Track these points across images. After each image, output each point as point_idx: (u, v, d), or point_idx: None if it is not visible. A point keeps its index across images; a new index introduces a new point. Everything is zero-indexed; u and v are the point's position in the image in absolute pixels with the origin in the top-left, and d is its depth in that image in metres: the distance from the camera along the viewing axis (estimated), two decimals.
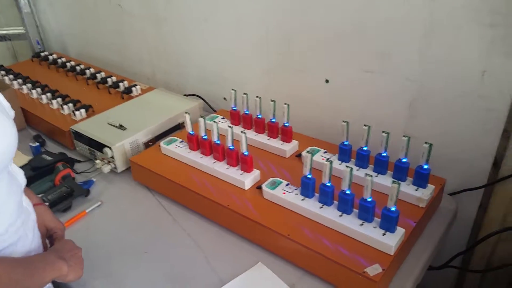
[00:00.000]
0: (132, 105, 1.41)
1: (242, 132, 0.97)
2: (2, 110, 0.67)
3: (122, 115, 1.33)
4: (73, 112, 1.37)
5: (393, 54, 1.04)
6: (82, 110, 1.37)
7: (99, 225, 1.04)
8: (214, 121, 1.05)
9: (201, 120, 1.04)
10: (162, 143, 1.15)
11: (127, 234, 1.00)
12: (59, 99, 1.43)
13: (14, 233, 0.68)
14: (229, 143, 1.00)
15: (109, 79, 1.57)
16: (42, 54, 1.84)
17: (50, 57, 1.81)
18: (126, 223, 1.04)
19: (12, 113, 0.73)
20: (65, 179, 1.15)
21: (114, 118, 1.29)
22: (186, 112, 1.07)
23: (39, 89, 1.51)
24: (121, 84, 1.53)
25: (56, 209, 1.06)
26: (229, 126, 1.00)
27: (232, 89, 1.16)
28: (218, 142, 1.03)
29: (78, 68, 1.69)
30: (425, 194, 0.90)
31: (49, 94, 1.47)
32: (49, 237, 0.84)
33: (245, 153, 0.99)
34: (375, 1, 1.02)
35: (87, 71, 1.65)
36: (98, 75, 1.62)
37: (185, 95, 1.49)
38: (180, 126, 1.33)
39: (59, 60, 1.77)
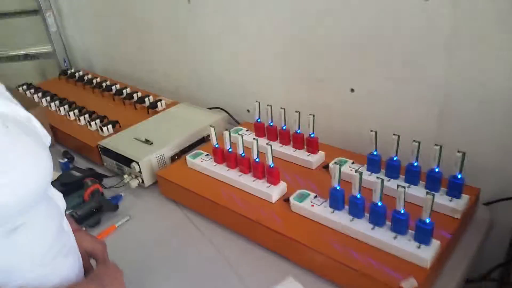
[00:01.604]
0: (157, 120, 1.42)
1: (267, 144, 0.96)
2: (38, 139, 0.64)
3: (148, 130, 1.34)
4: (100, 128, 1.39)
5: (418, 61, 1.02)
6: (109, 126, 1.39)
7: (128, 239, 1.04)
8: (238, 134, 1.05)
9: (226, 133, 1.03)
10: (188, 157, 1.15)
11: (156, 249, 1.00)
12: (87, 116, 1.46)
13: (53, 258, 0.66)
14: (254, 156, 0.99)
15: (134, 95, 1.59)
16: (69, 71, 1.89)
17: (77, 74, 1.85)
18: (155, 237, 1.04)
19: (48, 141, 0.70)
20: (94, 195, 1.16)
21: (141, 133, 1.31)
22: (211, 126, 1.07)
23: (66, 106, 1.55)
24: (146, 99, 1.55)
25: (86, 224, 1.07)
26: (254, 139, 0.99)
27: (256, 101, 1.16)
28: (243, 154, 1.02)
29: (104, 84, 1.72)
30: (459, 204, 0.87)
31: (76, 111, 1.50)
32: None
33: (271, 165, 0.98)
34: (394, 9, 1.00)
35: (113, 87, 1.68)
36: (124, 91, 1.64)
37: (209, 108, 1.49)
38: (205, 140, 1.33)
39: (86, 77, 1.81)
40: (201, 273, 0.92)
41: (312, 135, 1.08)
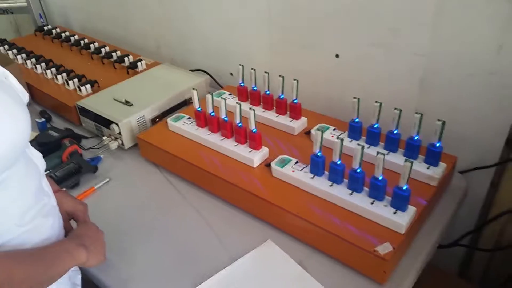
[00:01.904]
0: (137, 80, 1.39)
1: (250, 109, 0.95)
2: (15, 96, 0.62)
3: (128, 90, 1.31)
4: (78, 87, 1.35)
5: (403, 29, 1.01)
6: (88, 86, 1.35)
7: (107, 201, 1.04)
8: (221, 98, 1.03)
9: (208, 96, 1.02)
10: (169, 120, 1.14)
11: (136, 211, 1.00)
12: (64, 74, 1.41)
13: (32, 218, 0.65)
14: (237, 120, 0.98)
15: (113, 54, 1.55)
16: (45, 28, 1.81)
17: (54, 31, 1.78)
18: (135, 200, 1.04)
19: (26, 98, 0.68)
20: (73, 156, 1.14)
21: (120, 94, 1.28)
22: (193, 88, 1.05)
23: (43, 64, 1.49)
24: (126, 59, 1.51)
25: (64, 185, 1.06)
26: (237, 103, 0.98)
27: (240, 65, 1.13)
28: (226, 119, 1.01)
29: (82, 42, 1.66)
30: (436, 172, 0.89)
31: (53, 69, 1.45)
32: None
33: (254, 130, 0.97)
34: None
35: (91, 45, 1.62)
36: (102, 49, 1.59)
37: (191, 70, 1.46)
38: (187, 102, 1.31)
39: (63, 34, 1.74)
40: (181, 236, 0.93)
41: (295, 101, 1.07)
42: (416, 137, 0.90)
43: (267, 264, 0.84)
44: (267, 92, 1.11)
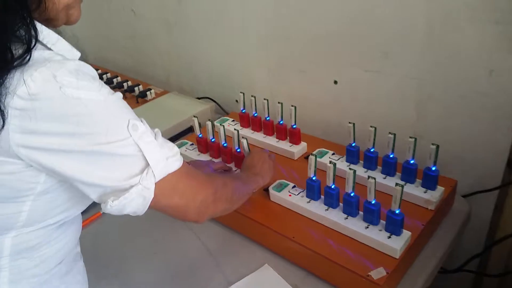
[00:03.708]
0: (146, 109, 1.44)
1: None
2: None
3: None
4: None
5: (395, 53, 1.03)
6: None
7: (112, 226, 1.06)
8: (220, 124, 1.06)
9: (208, 123, 1.05)
10: None
11: (138, 235, 1.02)
12: None
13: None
14: (236, 146, 1.01)
15: (125, 84, 1.61)
16: None
17: None
18: (138, 224, 1.06)
19: None
20: None
21: None
22: (194, 116, 1.08)
23: None
24: (136, 88, 1.56)
25: None
26: (235, 129, 1.01)
27: (241, 92, 1.17)
28: (225, 144, 1.04)
29: None
30: (433, 196, 0.88)
31: None
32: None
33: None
34: (371, 2, 1.01)
35: (104, 76, 1.69)
36: (114, 80, 1.65)
37: (198, 98, 1.51)
38: (192, 129, 1.35)
39: None
40: (180, 260, 0.94)
41: (294, 126, 1.09)
42: (412, 161, 0.90)
43: None
44: (267, 118, 1.14)
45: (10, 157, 0.51)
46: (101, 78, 1.67)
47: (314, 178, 0.88)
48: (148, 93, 1.52)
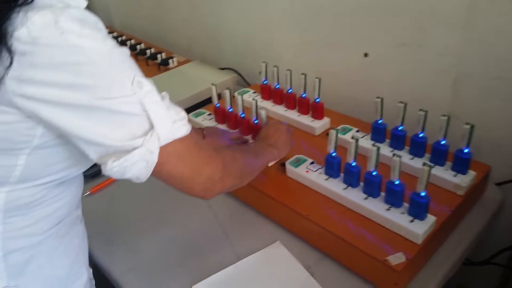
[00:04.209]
0: (167, 77, 1.41)
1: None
2: None
3: (156, 86, 1.31)
4: None
5: (432, 28, 0.94)
6: None
7: (124, 192, 1.05)
8: (238, 94, 1.01)
9: (226, 92, 1.00)
10: (190, 115, 1.13)
11: (149, 204, 1.00)
12: None
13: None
14: (253, 117, 0.96)
15: (147, 51, 1.57)
16: None
17: None
18: (150, 192, 1.04)
19: None
20: None
21: None
22: (212, 84, 1.04)
23: None
24: (158, 56, 1.53)
25: (85, 173, 1.07)
26: (253, 99, 0.95)
27: (263, 62, 1.11)
28: (243, 115, 0.99)
29: (119, 39, 1.70)
30: (464, 180, 0.81)
31: None
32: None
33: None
34: None
35: (127, 42, 1.66)
36: (137, 46, 1.62)
37: (221, 68, 1.46)
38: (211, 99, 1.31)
39: None
40: (190, 230, 0.91)
41: (317, 100, 1.03)
42: (442, 142, 0.83)
43: (273, 266, 0.81)
44: (290, 91, 1.08)
45: (7, 106, 0.48)
46: (124, 44, 1.65)
47: (334, 154, 0.83)
48: (170, 61, 1.49)
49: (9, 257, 0.57)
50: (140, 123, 0.52)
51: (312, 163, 0.89)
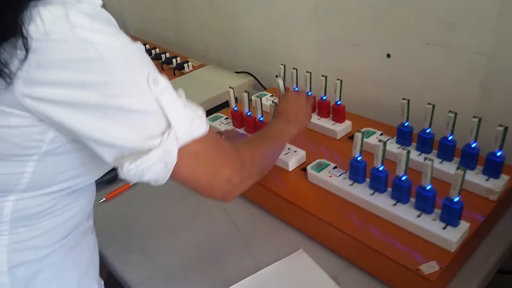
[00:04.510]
0: (182, 81, 1.39)
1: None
2: None
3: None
4: None
5: (463, 25, 0.90)
6: None
7: (140, 198, 1.02)
8: (257, 97, 0.98)
9: (245, 95, 0.97)
10: (207, 119, 1.10)
11: (167, 209, 0.98)
12: None
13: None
14: None
15: (162, 55, 1.56)
16: None
17: None
18: (167, 198, 1.01)
19: None
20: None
21: None
22: (230, 87, 1.01)
23: None
24: (173, 60, 1.51)
25: (101, 180, 1.05)
26: (273, 102, 0.92)
27: (281, 64, 1.08)
28: (262, 119, 0.96)
29: None
30: (497, 185, 0.77)
31: None
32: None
33: None
34: None
35: None
36: (152, 51, 1.61)
37: (237, 72, 1.43)
38: (228, 103, 1.28)
39: None
40: (208, 238, 0.88)
41: (338, 103, 1.00)
42: (473, 145, 0.79)
43: (297, 275, 0.77)
44: (309, 93, 1.05)
45: (17, 109, 0.45)
46: None
47: (359, 159, 0.79)
48: (185, 65, 1.47)
49: (15, 271, 0.54)
50: (156, 121, 0.49)
51: (335, 167, 0.86)
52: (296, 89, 1.08)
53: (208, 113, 1.23)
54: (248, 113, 0.99)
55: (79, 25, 0.43)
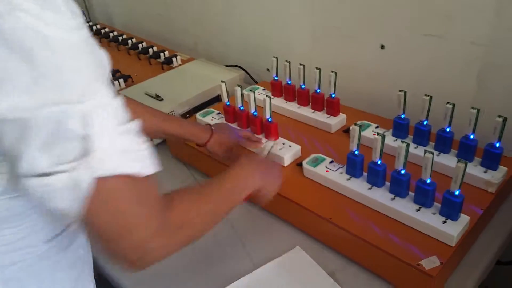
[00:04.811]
0: (171, 75, 1.35)
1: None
2: None
3: (160, 85, 1.27)
4: (111, 81, 1.33)
5: (460, 15, 0.89)
6: (121, 80, 1.32)
7: None
8: (250, 91, 0.95)
9: (237, 89, 0.95)
10: (198, 115, 1.08)
11: None
12: None
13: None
14: (267, 115, 0.90)
15: (150, 49, 1.52)
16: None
17: (94, 28, 1.78)
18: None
19: None
20: None
21: (152, 89, 1.24)
22: (222, 81, 0.98)
23: None
24: (161, 54, 1.47)
25: None
26: (266, 95, 0.90)
27: (274, 57, 1.05)
28: (255, 113, 0.94)
29: (120, 38, 1.65)
30: (495, 177, 0.76)
31: None
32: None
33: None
34: None
35: (129, 41, 1.61)
36: (139, 45, 1.57)
37: (227, 66, 1.40)
38: (219, 98, 1.25)
39: (102, 31, 1.74)
40: (203, 237, 0.86)
41: (332, 96, 0.98)
42: (471, 136, 0.78)
43: (294, 273, 0.75)
44: (302, 86, 1.02)
45: None
46: (126, 43, 1.59)
47: (356, 152, 0.77)
48: (174, 59, 1.43)
49: (7, 271, 0.51)
50: (74, 140, 0.40)
51: (331, 162, 0.84)
52: (289, 82, 1.06)
53: (198, 108, 1.20)
54: (241, 108, 0.97)
55: (25, 8, 0.37)
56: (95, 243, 0.49)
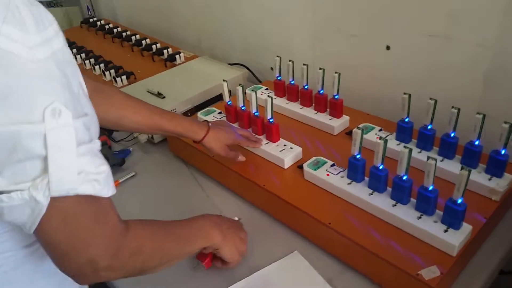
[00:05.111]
0: (173, 73, 1.34)
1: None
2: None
3: (163, 83, 1.26)
4: (114, 78, 1.32)
5: (466, 16, 0.87)
6: (123, 77, 1.31)
7: (131, 196, 0.98)
8: (252, 91, 0.94)
9: (239, 88, 0.93)
10: (199, 114, 1.07)
11: (157, 207, 0.94)
12: (102, 65, 1.39)
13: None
14: (268, 115, 0.89)
15: (153, 46, 1.51)
16: (90, 20, 1.82)
17: (98, 23, 1.78)
18: (158, 195, 0.98)
19: None
20: (101, 147, 1.10)
21: (154, 86, 1.23)
22: (224, 80, 0.97)
23: (83, 54, 1.49)
24: (165, 51, 1.46)
25: None
26: (268, 96, 0.88)
27: (277, 56, 1.04)
28: (256, 113, 0.92)
29: (124, 34, 1.64)
30: (500, 185, 0.74)
31: (92, 60, 1.44)
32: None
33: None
34: None
35: (132, 37, 1.60)
36: (143, 41, 1.56)
37: (230, 64, 1.39)
38: (221, 97, 1.24)
39: (107, 26, 1.74)
40: None
41: (336, 97, 0.96)
42: (476, 142, 0.76)
43: (291, 278, 0.74)
44: (306, 87, 1.01)
45: None
46: (129, 39, 1.58)
47: (358, 156, 0.76)
48: (177, 56, 1.42)
49: None
50: (34, 161, 0.41)
51: (332, 165, 0.83)
52: (292, 82, 1.04)
53: (201, 106, 1.19)
54: (243, 107, 0.95)
55: None
56: (47, 254, 0.49)
